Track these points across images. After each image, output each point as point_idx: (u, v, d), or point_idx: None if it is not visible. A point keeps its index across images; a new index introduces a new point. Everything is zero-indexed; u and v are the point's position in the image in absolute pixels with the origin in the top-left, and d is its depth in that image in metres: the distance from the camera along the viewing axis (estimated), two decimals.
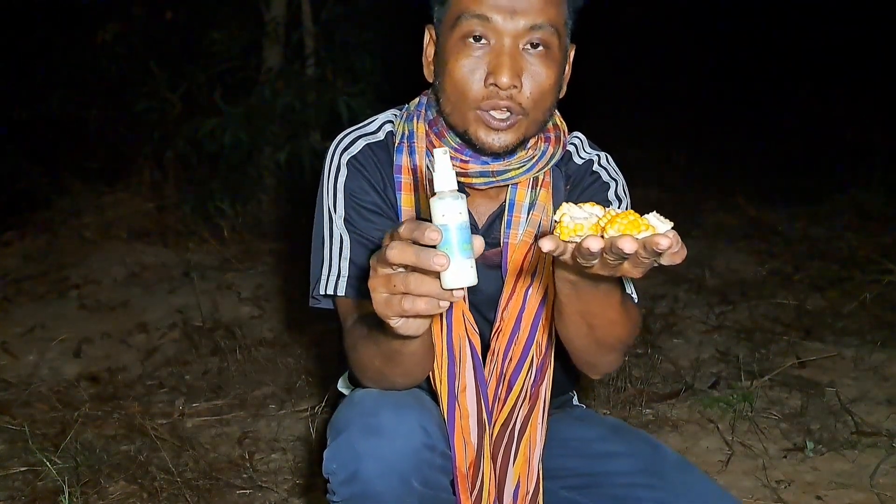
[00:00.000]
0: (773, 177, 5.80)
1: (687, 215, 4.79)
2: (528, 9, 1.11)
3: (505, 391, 1.26)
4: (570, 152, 1.35)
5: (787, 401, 2.48)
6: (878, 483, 2.02)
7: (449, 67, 1.15)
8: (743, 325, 3.13)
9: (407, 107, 1.33)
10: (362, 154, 1.27)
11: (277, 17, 4.35)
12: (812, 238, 4.43)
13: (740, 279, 3.74)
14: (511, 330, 1.25)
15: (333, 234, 1.26)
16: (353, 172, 1.26)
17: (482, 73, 1.13)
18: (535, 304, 1.25)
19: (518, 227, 1.25)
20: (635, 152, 6.29)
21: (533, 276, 1.25)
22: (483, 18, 1.12)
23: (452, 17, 1.15)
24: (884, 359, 2.77)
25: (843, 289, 3.52)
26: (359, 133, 1.31)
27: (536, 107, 1.16)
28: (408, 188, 1.24)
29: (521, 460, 1.26)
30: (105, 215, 4.30)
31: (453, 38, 1.14)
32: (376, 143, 1.29)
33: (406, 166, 1.25)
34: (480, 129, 1.15)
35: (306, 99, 4.01)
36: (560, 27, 1.15)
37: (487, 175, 1.20)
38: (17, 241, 3.99)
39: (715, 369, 2.72)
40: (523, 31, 1.12)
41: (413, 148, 1.25)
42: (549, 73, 1.15)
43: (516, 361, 1.26)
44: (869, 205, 4.99)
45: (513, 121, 1.15)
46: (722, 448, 2.23)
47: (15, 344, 2.86)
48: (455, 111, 1.17)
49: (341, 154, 1.28)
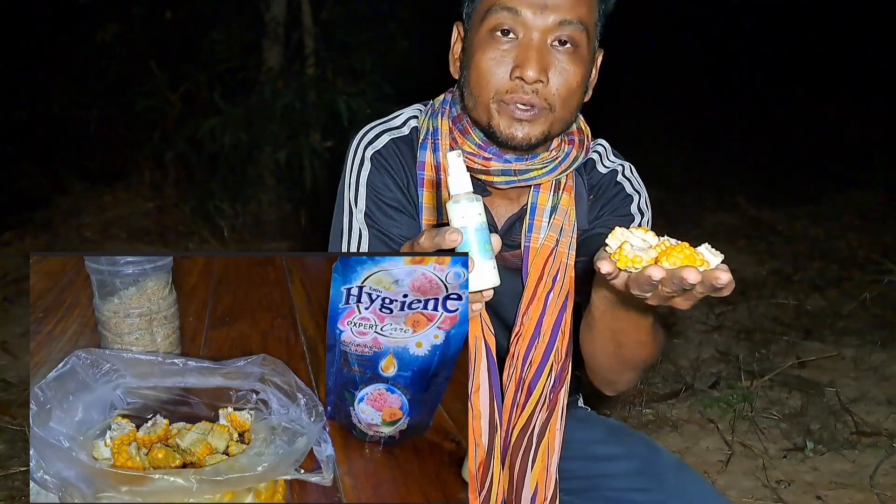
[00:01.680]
0: (773, 177, 5.81)
1: (687, 215, 4.79)
2: (559, 4, 1.11)
3: (524, 396, 1.25)
4: (593, 160, 1.33)
5: (787, 401, 2.48)
6: (878, 483, 2.02)
7: (476, 60, 1.15)
8: (743, 325, 3.13)
9: (432, 103, 1.32)
10: (386, 149, 1.27)
11: (277, 17, 4.35)
12: (812, 238, 4.43)
13: (740, 279, 3.74)
14: (531, 335, 1.25)
15: (353, 228, 1.26)
16: (377, 167, 1.25)
17: (508, 66, 1.13)
18: (555, 310, 1.25)
19: (540, 231, 1.24)
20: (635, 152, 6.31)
21: (554, 281, 1.24)
22: (513, 11, 1.11)
23: (482, 10, 1.15)
24: (884, 359, 2.77)
25: (843, 289, 3.52)
26: (384, 127, 1.30)
27: (563, 104, 1.15)
28: (430, 185, 1.24)
29: (540, 467, 1.25)
30: (105, 215, 4.31)
31: (482, 31, 1.14)
32: (401, 138, 1.28)
33: (429, 163, 1.24)
34: (503, 120, 1.15)
35: (306, 99, 4.01)
36: (590, 27, 1.15)
37: (510, 174, 1.20)
38: (17, 241, 3.99)
39: (715, 369, 2.72)
40: (553, 26, 1.11)
41: (437, 145, 1.24)
42: (576, 71, 1.14)
43: (536, 366, 1.25)
44: (869, 205, 4.99)
45: (537, 114, 1.14)
46: (722, 448, 2.23)
47: (15, 344, 2.86)
48: (479, 104, 1.17)
49: (365, 148, 1.27)
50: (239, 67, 4.37)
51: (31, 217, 4.29)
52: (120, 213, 4.35)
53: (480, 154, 1.20)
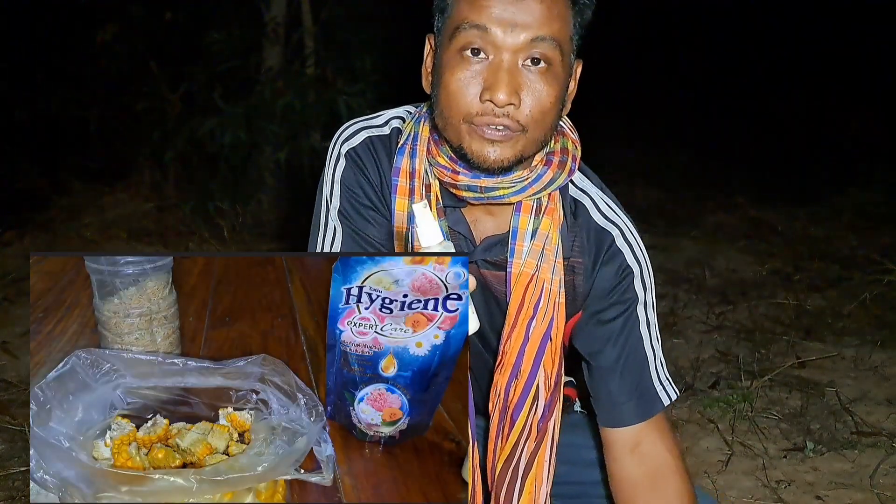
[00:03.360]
0: (773, 177, 5.81)
1: (687, 215, 4.80)
2: (530, 22, 1.06)
3: (508, 426, 1.23)
4: (585, 207, 1.25)
5: (787, 401, 2.48)
6: (878, 483, 2.03)
7: (445, 80, 1.10)
8: (743, 325, 3.13)
9: (422, 106, 1.29)
10: (362, 147, 1.24)
11: (277, 17, 4.35)
12: (812, 238, 4.43)
13: (740, 279, 3.74)
14: (513, 365, 1.21)
15: (328, 225, 1.25)
16: (351, 165, 1.23)
17: (478, 88, 1.08)
18: (537, 338, 1.21)
19: (520, 257, 1.20)
20: (635, 152, 6.32)
21: (536, 309, 1.20)
22: (482, 29, 1.06)
23: (451, 27, 1.10)
24: (884, 359, 2.77)
25: (843, 289, 3.52)
26: (363, 125, 1.28)
27: (536, 125, 1.10)
28: (403, 192, 1.21)
29: (527, 499, 1.22)
30: (105, 215, 4.30)
31: (451, 49, 1.10)
32: (378, 137, 1.26)
33: (405, 169, 1.21)
34: (475, 143, 1.10)
35: (306, 99, 4.01)
36: (564, 42, 1.09)
37: (476, 190, 1.15)
38: (17, 241, 3.99)
39: (715, 369, 2.72)
40: (524, 44, 1.06)
41: (415, 151, 1.21)
42: (549, 91, 1.09)
43: (518, 397, 1.22)
44: (869, 205, 4.99)
45: (509, 135, 1.09)
46: (722, 448, 2.23)
47: (15, 344, 2.86)
48: (448, 125, 1.12)
49: (342, 144, 1.26)
50: (239, 67, 4.36)
51: (31, 217, 4.29)
52: (120, 213, 4.35)
53: (451, 167, 1.16)
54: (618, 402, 1.24)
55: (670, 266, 3.88)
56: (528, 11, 1.06)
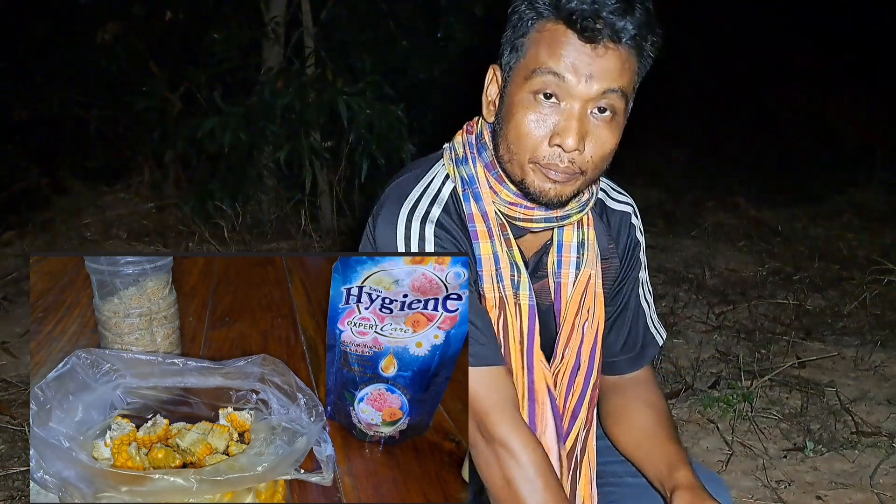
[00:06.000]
0: (773, 177, 5.81)
1: (687, 215, 4.80)
2: (604, 75, 1.11)
3: (568, 423, 1.30)
4: (600, 199, 1.36)
5: (787, 401, 2.48)
6: (878, 483, 2.03)
7: (517, 120, 1.15)
8: (743, 325, 3.13)
9: (451, 147, 1.29)
10: (444, 217, 1.23)
11: (277, 17, 4.35)
12: (812, 238, 4.43)
13: (740, 279, 3.74)
14: (573, 365, 1.29)
15: None
16: (442, 239, 1.22)
17: (548, 131, 1.14)
18: (591, 336, 1.30)
19: (569, 267, 1.29)
20: (635, 152, 6.32)
21: (589, 312, 1.30)
22: (559, 77, 1.11)
23: (527, 68, 1.14)
24: (884, 359, 2.77)
25: (843, 289, 3.52)
26: (428, 197, 1.25)
27: (595, 169, 1.17)
28: (484, 236, 1.24)
29: (584, 482, 1.31)
30: (105, 215, 4.30)
31: (525, 89, 1.14)
32: (447, 206, 1.25)
33: (477, 214, 1.24)
34: (537, 179, 1.17)
35: (306, 99, 4.00)
36: (629, 93, 1.16)
37: (552, 220, 1.23)
38: (17, 241, 3.99)
39: (715, 369, 2.72)
40: (596, 95, 1.12)
41: (478, 193, 1.24)
42: (611, 139, 1.16)
43: (578, 394, 1.30)
44: (869, 205, 5.00)
45: (569, 178, 1.16)
46: (722, 448, 2.23)
47: (15, 344, 2.86)
48: (514, 161, 1.18)
49: (421, 223, 1.22)
50: (239, 67, 4.36)
51: (31, 217, 4.29)
52: (120, 213, 4.34)
53: (521, 203, 1.21)
54: (614, 352, 1.39)
55: (670, 266, 3.88)
56: (603, 66, 1.11)
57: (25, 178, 4.71)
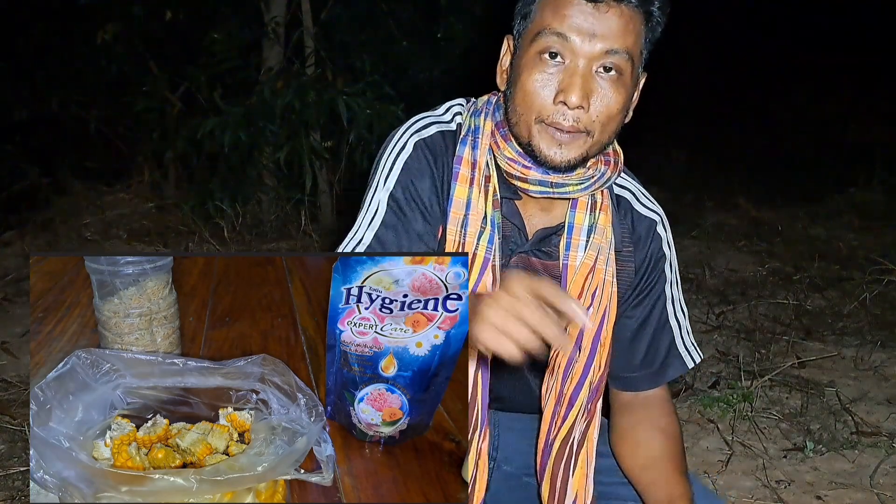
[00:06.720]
0: (773, 177, 5.81)
1: (687, 215, 4.79)
2: (607, 34, 1.13)
3: (565, 408, 1.29)
4: (627, 199, 1.36)
5: (787, 401, 2.48)
6: (878, 483, 2.03)
7: (522, 79, 1.18)
8: (743, 325, 3.13)
9: (474, 101, 1.34)
10: (432, 139, 1.29)
11: (277, 17, 4.35)
12: (812, 238, 4.43)
13: (740, 279, 3.74)
14: (572, 349, 1.28)
15: (372, 203, 1.27)
16: (418, 156, 1.27)
17: (552, 90, 1.16)
18: (595, 325, 1.29)
19: (577, 250, 1.28)
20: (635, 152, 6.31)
21: (593, 297, 1.28)
22: (562, 37, 1.14)
23: (533, 31, 1.17)
24: (884, 359, 2.77)
25: (843, 289, 3.52)
26: (433, 119, 1.32)
27: (602, 129, 1.18)
28: (464, 180, 1.26)
29: (580, 474, 1.30)
30: (105, 215, 4.30)
31: (531, 52, 1.17)
32: (448, 132, 1.31)
33: (467, 159, 1.27)
34: (543, 142, 1.18)
35: (306, 99, 4.00)
36: (635, 55, 1.18)
37: (546, 185, 1.22)
38: (17, 240, 3.99)
39: (715, 369, 2.72)
40: (599, 54, 1.14)
41: (477, 142, 1.27)
42: (617, 98, 1.17)
43: (577, 380, 1.29)
44: (869, 205, 4.99)
45: (575, 137, 1.17)
46: (722, 448, 2.23)
47: (15, 344, 2.86)
48: (521, 121, 1.20)
49: (412, 134, 1.29)
50: (239, 67, 4.36)
51: (31, 217, 4.29)
52: (120, 213, 4.35)
53: (520, 161, 1.22)
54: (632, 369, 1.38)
55: None
56: (606, 25, 1.13)
57: (25, 178, 4.71)
